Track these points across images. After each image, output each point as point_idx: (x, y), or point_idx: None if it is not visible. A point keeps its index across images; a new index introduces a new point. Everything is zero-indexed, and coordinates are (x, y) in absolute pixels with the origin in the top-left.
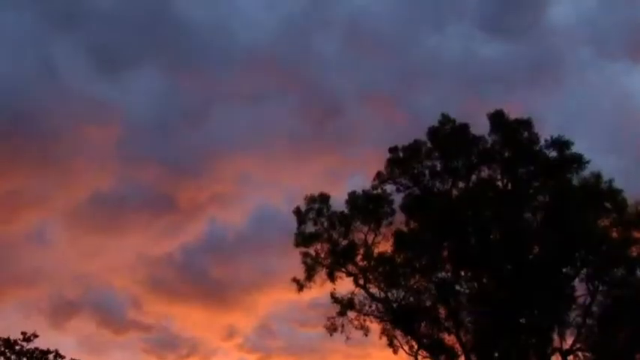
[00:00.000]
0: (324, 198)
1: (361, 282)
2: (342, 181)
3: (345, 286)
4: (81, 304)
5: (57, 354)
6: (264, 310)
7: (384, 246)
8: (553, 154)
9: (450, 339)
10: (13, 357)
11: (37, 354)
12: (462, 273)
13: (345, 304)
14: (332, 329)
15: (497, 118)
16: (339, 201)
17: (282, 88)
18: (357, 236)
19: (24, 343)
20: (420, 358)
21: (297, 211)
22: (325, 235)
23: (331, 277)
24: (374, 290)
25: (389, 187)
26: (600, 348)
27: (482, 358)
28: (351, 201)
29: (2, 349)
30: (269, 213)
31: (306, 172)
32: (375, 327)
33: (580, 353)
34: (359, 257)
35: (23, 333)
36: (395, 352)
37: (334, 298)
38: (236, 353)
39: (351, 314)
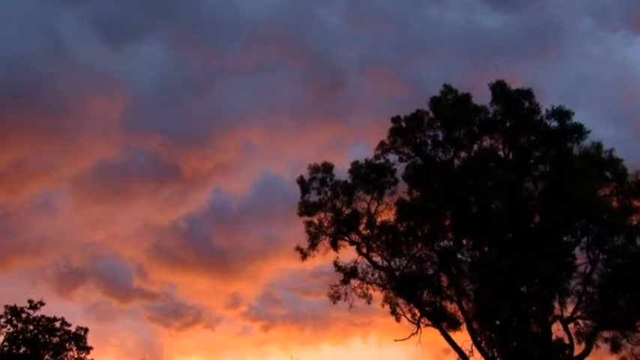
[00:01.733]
0: (327, 167)
1: (364, 250)
2: (345, 150)
3: (348, 254)
4: (87, 272)
5: (63, 322)
6: (267, 278)
7: (387, 215)
8: (554, 124)
9: (452, 307)
10: (19, 324)
11: (43, 322)
12: (464, 241)
13: (348, 273)
14: (335, 297)
15: (499, 89)
16: (342, 170)
17: (285, 60)
18: (360, 205)
19: (30, 311)
20: (422, 325)
21: (301, 181)
22: (328, 204)
23: (334, 246)
24: (377, 259)
25: (391, 157)
26: (600, 316)
27: (484, 326)
28: (354, 170)
29: (9, 316)
30: (273, 182)
31: (310, 142)
32: (377, 295)
33: (580, 321)
34: (362, 226)
35: (30, 301)
36: (397, 319)
37: (337, 267)
38: (240, 321)
39: (354, 282)
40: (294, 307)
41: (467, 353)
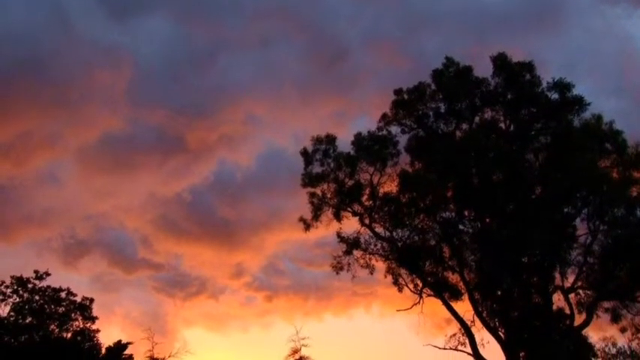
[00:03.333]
0: (330, 139)
1: (367, 221)
2: (348, 122)
3: (350, 225)
4: (92, 243)
5: (69, 292)
6: (271, 249)
7: (389, 186)
8: (555, 96)
9: (453, 277)
10: (25, 294)
11: (49, 292)
12: (466, 213)
13: (351, 244)
14: (338, 268)
15: (500, 61)
16: (345, 142)
17: (288, 34)
18: (362, 177)
19: (36, 282)
20: (424, 295)
21: (304, 152)
22: (332, 176)
23: (337, 217)
24: (379, 230)
25: (394, 129)
26: (601, 286)
27: (485, 296)
28: (356, 142)
29: (15, 286)
30: (276, 154)
31: (313, 115)
32: (380, 266)
33: (581, 291)
34: (365, 197)
35: (36, 271)
36: (400, 290)
37: (340, 238)
38: (244, 291)
39: (357, 253)
40: (297, 278)
41: (468, 323)
